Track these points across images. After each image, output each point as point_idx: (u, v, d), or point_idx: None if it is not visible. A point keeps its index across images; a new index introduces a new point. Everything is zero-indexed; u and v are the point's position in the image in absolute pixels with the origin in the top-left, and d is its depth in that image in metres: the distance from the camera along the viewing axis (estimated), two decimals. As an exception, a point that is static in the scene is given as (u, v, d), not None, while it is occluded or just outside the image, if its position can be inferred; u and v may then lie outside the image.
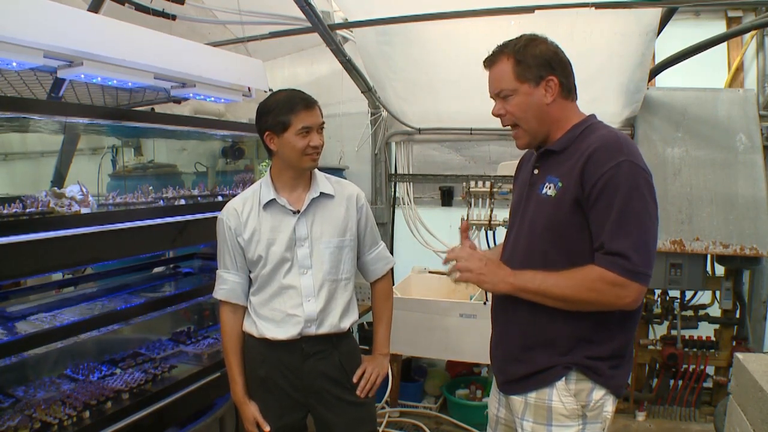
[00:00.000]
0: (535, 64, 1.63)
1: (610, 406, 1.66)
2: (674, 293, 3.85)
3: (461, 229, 1.86)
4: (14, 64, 2.01)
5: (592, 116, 1.72)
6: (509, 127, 1.74)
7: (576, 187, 1.57)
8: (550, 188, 1.64)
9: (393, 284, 2.35)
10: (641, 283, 1.52)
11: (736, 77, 4.07)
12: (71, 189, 2.32)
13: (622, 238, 1.50)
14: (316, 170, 2.10)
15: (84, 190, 2.32)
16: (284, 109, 1.93)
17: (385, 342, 2.23)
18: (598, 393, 1.63)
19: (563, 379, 1.63)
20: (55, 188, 2.31)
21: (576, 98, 1.72)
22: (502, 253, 1.87)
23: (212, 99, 2.97)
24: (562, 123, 1.68)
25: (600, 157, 1.54)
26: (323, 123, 2.02)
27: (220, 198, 3.04)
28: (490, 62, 1.71)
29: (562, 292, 1.57)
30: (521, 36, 1.69)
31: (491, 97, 1.74)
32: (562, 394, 1.63)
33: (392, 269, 2.31)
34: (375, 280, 2.25)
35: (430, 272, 4.31)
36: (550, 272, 1.59)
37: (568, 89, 1.68)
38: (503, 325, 1.80)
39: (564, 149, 1.65)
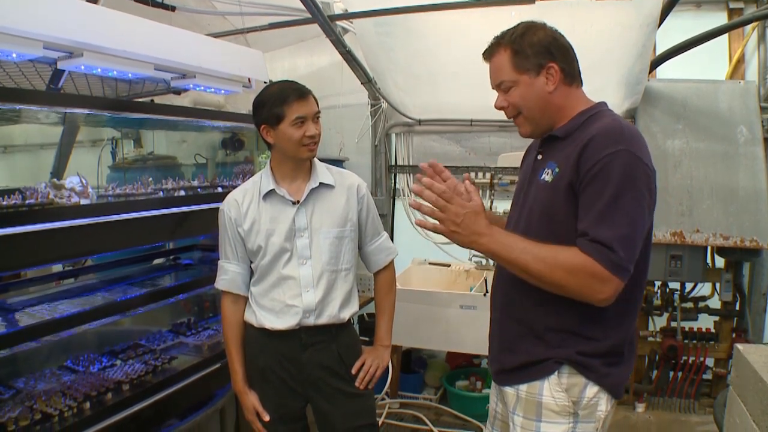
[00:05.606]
0: (533, 53, 1.57)
1: (604, 405, 1.60)
2: (674, 285, 3.85)
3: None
4: (14, 55, 2.00)
5: (602, 103, 1.67)
6: (511, 118, 1.71)
7: (571, 172, 1.51)
8: (548, 174, 1.60)
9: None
10: (621, 278, 1.43)
11: (737, 69, 4.05)
12: (71, 180, 2.32)
13: (608, 228, 1.42)
14: (316, 160, 2.09)
15: (83, 181, 2.32)
16: (277, 101, 1.93)
17: (386, 334, 2.22)
18: (591, 390, 1.58)
19: (556, 373, 1.59)
20: (55, 180, 2.30)
21: (581, 84, 1.67)
22: None
23: (212, 90, 2.96)
24: (567, 110, 1.63)
25: (598, 143, 1.48)
26: (318, 112, 2.01)
27: (219, 189, 3.03)
28: (488, 54, 1.66)
29: (538, 269, 1.46)
30: (518, 24, 1.63)
31: (493, 88, 1.70)
32: (554, 389, 1.59)
33: (393, 260, 2.30)
34: (377, 271, 2.25)
35: (430, 263, 4.31)
36: (533, 243, 1.49)
37: (571, 75, 1.62)
38: (499, 316, 1.77)
39: (567, 135, 1.61)
